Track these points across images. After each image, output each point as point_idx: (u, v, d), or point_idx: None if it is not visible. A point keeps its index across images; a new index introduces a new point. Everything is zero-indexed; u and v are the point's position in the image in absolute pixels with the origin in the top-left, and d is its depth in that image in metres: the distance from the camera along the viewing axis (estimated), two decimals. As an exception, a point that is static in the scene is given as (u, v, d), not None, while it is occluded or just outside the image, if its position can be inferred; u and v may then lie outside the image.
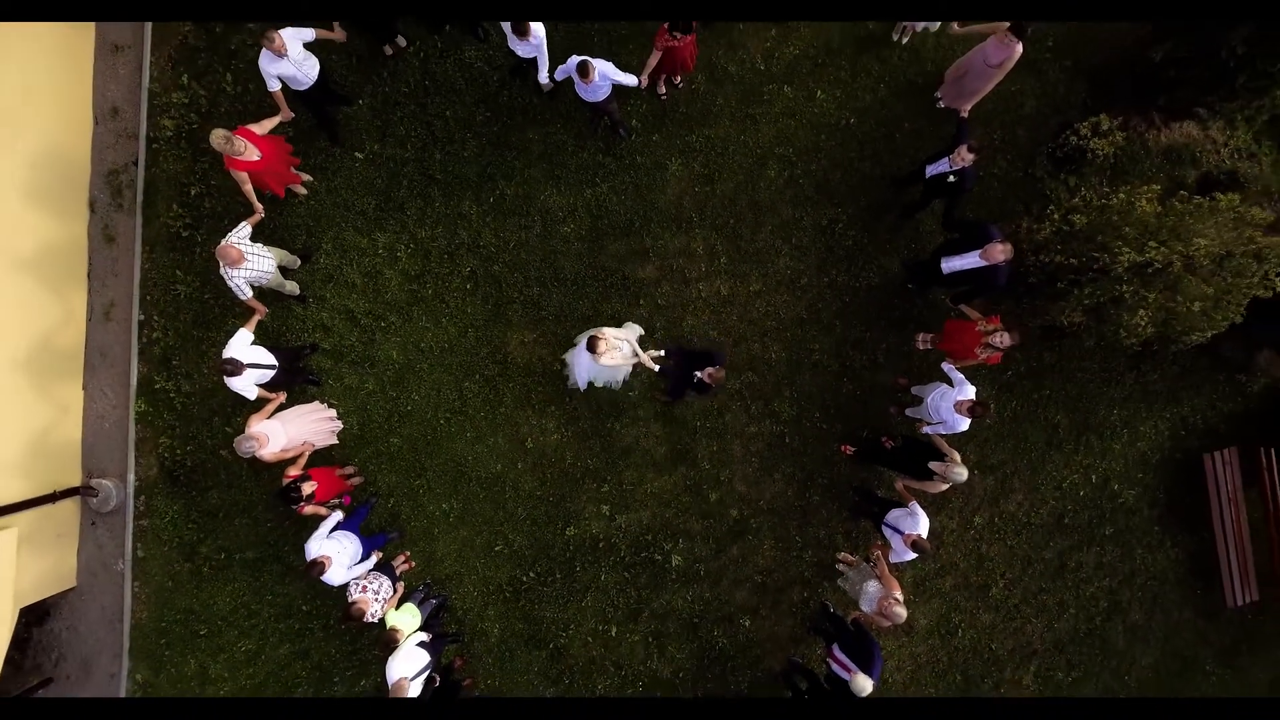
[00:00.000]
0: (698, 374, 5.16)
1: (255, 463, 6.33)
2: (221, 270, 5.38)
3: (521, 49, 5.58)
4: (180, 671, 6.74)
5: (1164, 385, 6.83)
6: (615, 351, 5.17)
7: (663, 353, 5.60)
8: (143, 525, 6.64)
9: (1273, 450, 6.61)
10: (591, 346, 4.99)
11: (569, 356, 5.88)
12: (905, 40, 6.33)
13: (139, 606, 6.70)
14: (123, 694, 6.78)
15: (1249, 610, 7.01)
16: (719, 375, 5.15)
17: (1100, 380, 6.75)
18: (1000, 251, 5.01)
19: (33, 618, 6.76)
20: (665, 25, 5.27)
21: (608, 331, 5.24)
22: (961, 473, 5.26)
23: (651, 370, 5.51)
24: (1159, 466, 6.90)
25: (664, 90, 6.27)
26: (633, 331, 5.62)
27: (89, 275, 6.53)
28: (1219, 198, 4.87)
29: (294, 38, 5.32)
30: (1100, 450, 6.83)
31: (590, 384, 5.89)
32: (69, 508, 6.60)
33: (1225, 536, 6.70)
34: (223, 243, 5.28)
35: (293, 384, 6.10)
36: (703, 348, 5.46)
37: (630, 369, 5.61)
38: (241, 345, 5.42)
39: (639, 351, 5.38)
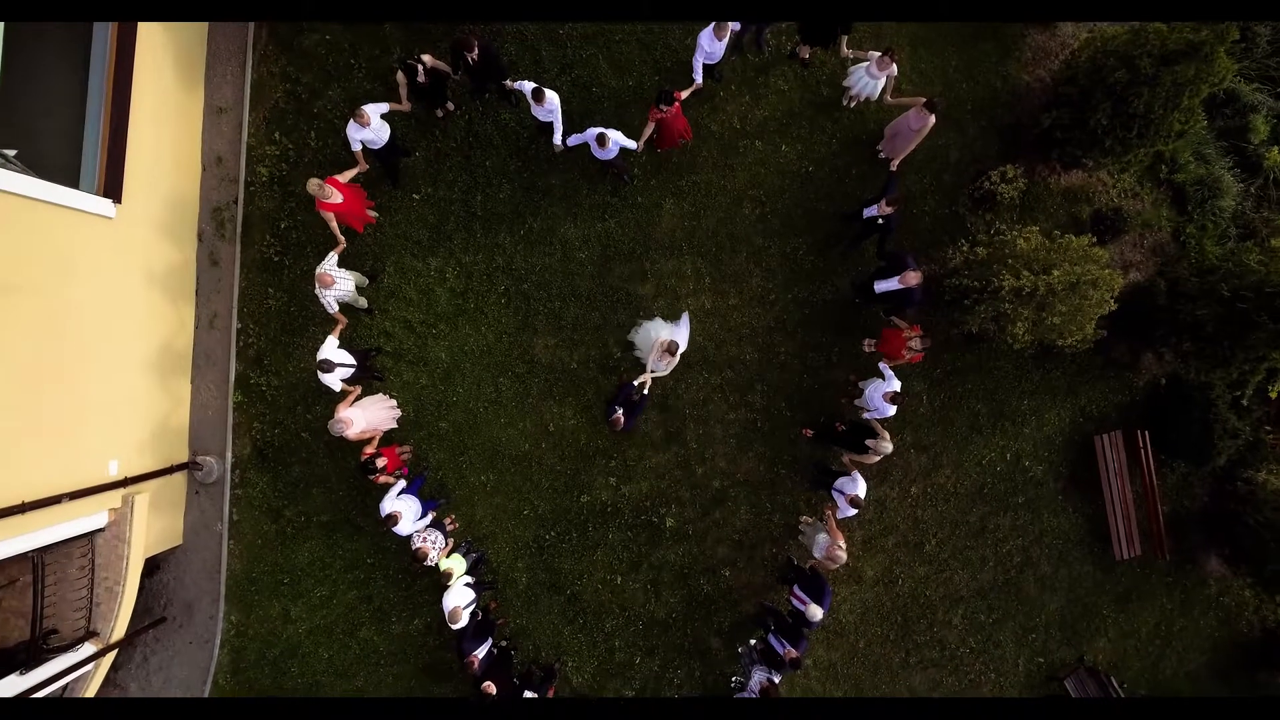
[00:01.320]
0: (614, 409, 6.66)
1: (330, 443, 7.96)
2: (316, 291, 6.96)
3: (539, 113, 7.17)
4: (266, 613, 8.32)
5: (1065, 380, 8.44)
6: (661, 359, 6.83)
7: (645, 390, 7.08)
8: (237, 494, 8.22)
9: (1148, 433, 8.22)
10: (670, 347, 6.69)
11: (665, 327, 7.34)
12: (852, 105, 7.93)
13: (233, 560, 8.28)
14: (219, 633, 8.35)
15: (1136, 563, 8.62)
16: (616, 422, 6.61)
17: (1013, 376, 8.36)
18: (912, 278, 6.62)
19: (144, 570, 8.31)
20: (654, 103, 6.85)
21: (676, 357, 6.93)
22: (887, 447, 6.88)
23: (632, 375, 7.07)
24: (1061, 446, 8.51)
25: (661, 148, 7.85)
26: (661, 370, 7.16)
27: (197, 292, 8.11)
28: (1072, 239, 6.48)
29: (374, 111, 6.90)
30: (1013, 433, 8.44)
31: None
32: (178, 480, 8.17)
33: (1113, 502, 8.30)
34: (319, 270, 6.87)
35: (363, 380, 7.68)
36: (635, 402, 6.93)
37: (649, 358, 7.07)
38: (331, 349, 7.01)
39: (649, 373, 6.96)
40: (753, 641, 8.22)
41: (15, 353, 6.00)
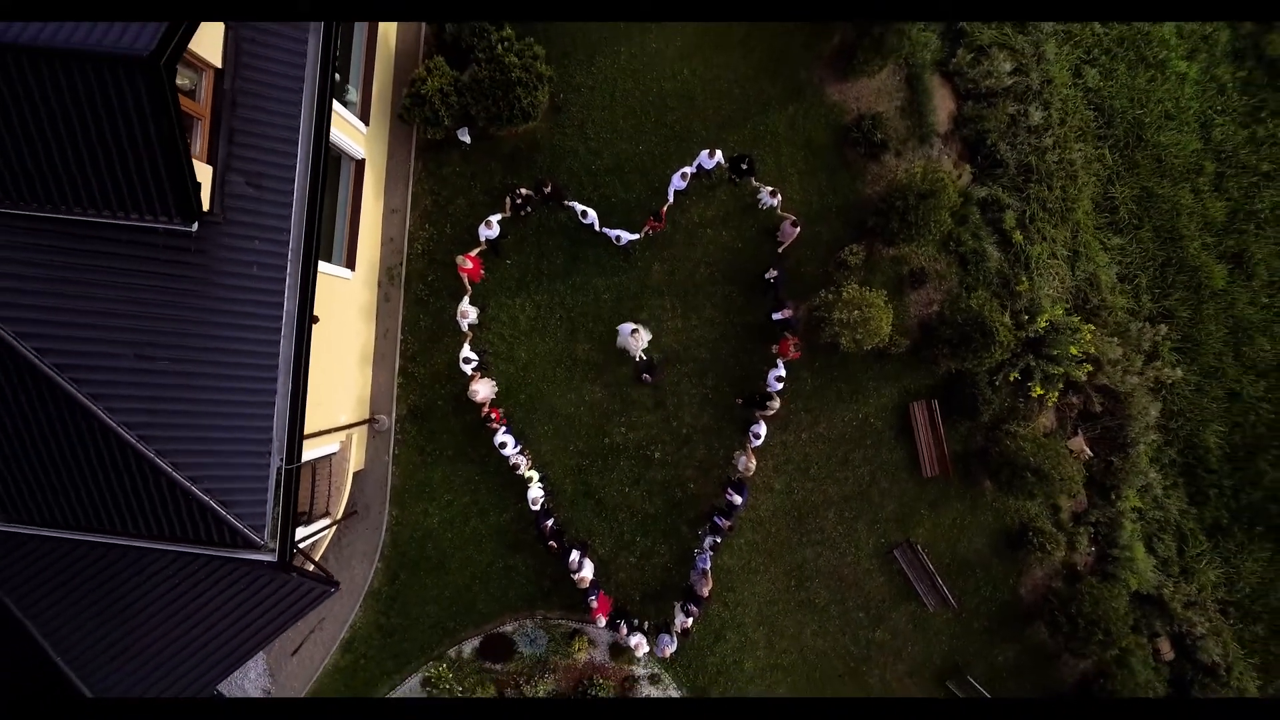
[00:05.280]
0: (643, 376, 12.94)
1: (456, 407, 14.04)
2: (457, 318, 13.13)
3: (583, 219, 13.32)
4: (414, 511, 14.40)
5: (895, 370, 14.59)
6: (637, 342, 13.03)
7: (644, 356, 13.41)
8: (399, 438, 14.31)
9: (938, 401, 14.39)
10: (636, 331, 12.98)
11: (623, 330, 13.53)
12: (764, 208, 14.06)
13: (394, 478, 14.35)
14: (385, 523, 14.40)
15: (940, 482, 14.75)
16: (644, 380, 12.90)
17: (862, 367, 14.50)
18: (788, 312, 12.82)
19: (339, 485, 14.34)
20: (650, 215, 13.02)
21: (641, 334, 13.11)
22: (776, 405, 13.11)
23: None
24: (893, 409, 14.66)
25: (651, 233, 13.97)
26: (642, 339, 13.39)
27: (376, 317, 14.20)
28: (869, 292, 12.64)
29: (494, 218, 13.01)
30: (863, 401, 14.58)
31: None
32: (363, 429, 14.24)
33: (920, 443, 14.45)
34: (460, 307, 13.05)
35: (480, 369, 13.76)
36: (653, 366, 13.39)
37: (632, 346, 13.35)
38: (467, 351, 13.16)
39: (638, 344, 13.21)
40: (707, 526, 14.30)
41: (322, 354, 12.08)
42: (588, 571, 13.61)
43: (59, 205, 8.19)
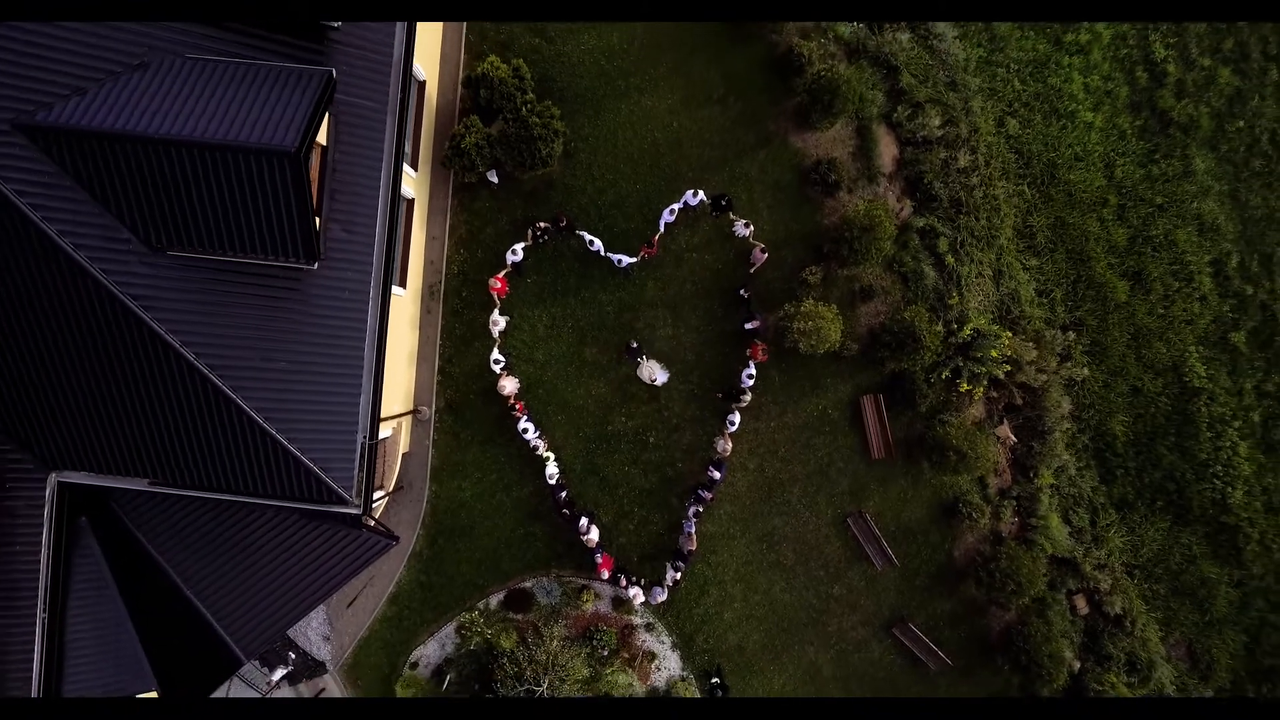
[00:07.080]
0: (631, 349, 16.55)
1: (486, 401, 17.48)
2: (489, 326, 16.58)
3: (592, 246, 16.76)
4: (450, 486, 17.84)
5: (848, 369, 18.06)
6: (651, 378, 16.52)
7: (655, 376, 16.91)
8: (437, 425, 17.74)
9: (883, 395, 17.82)
10: (656, 380, 16.50)
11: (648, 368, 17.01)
12: (738, 236, 17.48)
13: (434, 459, 17.79)
14: (426, 495, 17.82)
15: (885, 461, 18.17)
16: (623, 353, 16.38)
17: (821, 366, 17.96)
18: (757, 322, 16.28)
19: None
20: (645, 244, 16.47)
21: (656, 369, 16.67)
22: (748, 398, 16.57)
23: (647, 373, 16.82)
24: (847, 402, 18.12)
25: (646, 257, 17.39)
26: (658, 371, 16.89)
27: (420, 326, 17.61)
28: (822, 306, 16.06)
29: (519, 246, 16.46)
30: (822, 395, 18.04)
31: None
32: (408, 419, 17.64)
33: (869, 430, 17.89)
34: (492, 316, 16.51)
35: (506, 368, 17.17)
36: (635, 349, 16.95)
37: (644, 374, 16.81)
38: (496, 353, 16.60)
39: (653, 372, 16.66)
40: (692, 497, 17.71)
41: (391, 355, 15.47)
42: (594, 535, 17.01)
43: (217, 250, 11.59)
